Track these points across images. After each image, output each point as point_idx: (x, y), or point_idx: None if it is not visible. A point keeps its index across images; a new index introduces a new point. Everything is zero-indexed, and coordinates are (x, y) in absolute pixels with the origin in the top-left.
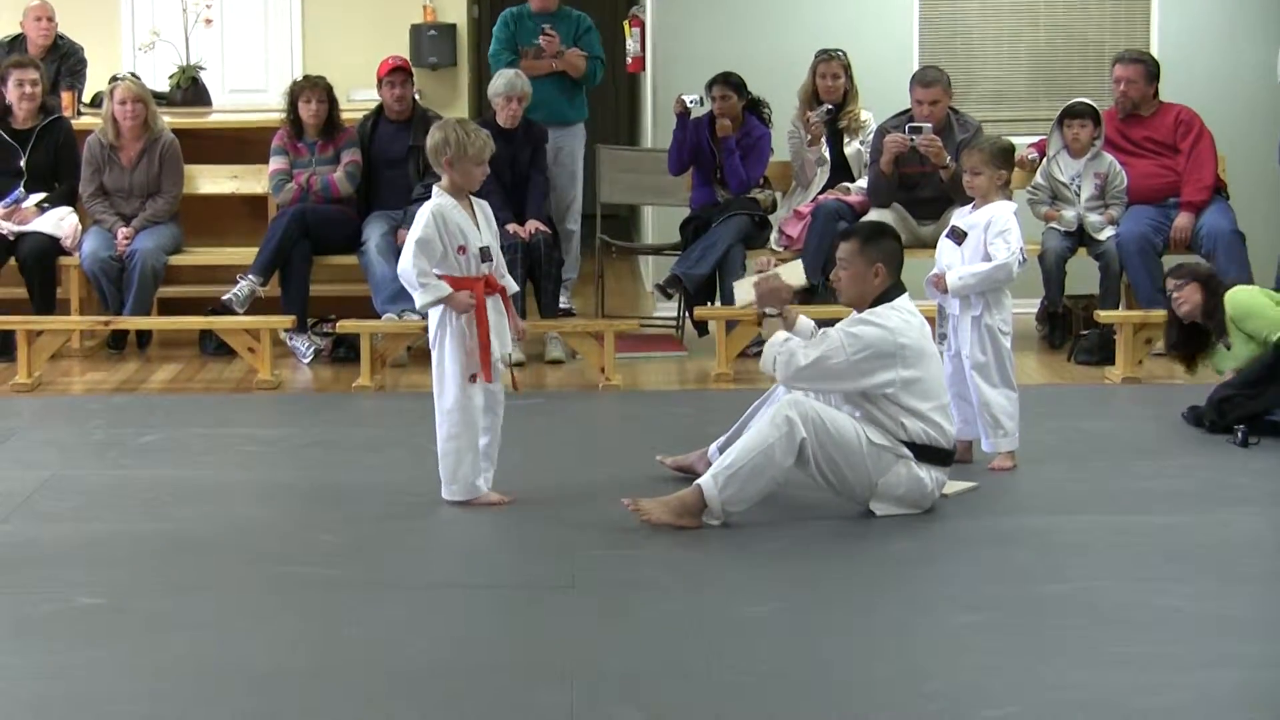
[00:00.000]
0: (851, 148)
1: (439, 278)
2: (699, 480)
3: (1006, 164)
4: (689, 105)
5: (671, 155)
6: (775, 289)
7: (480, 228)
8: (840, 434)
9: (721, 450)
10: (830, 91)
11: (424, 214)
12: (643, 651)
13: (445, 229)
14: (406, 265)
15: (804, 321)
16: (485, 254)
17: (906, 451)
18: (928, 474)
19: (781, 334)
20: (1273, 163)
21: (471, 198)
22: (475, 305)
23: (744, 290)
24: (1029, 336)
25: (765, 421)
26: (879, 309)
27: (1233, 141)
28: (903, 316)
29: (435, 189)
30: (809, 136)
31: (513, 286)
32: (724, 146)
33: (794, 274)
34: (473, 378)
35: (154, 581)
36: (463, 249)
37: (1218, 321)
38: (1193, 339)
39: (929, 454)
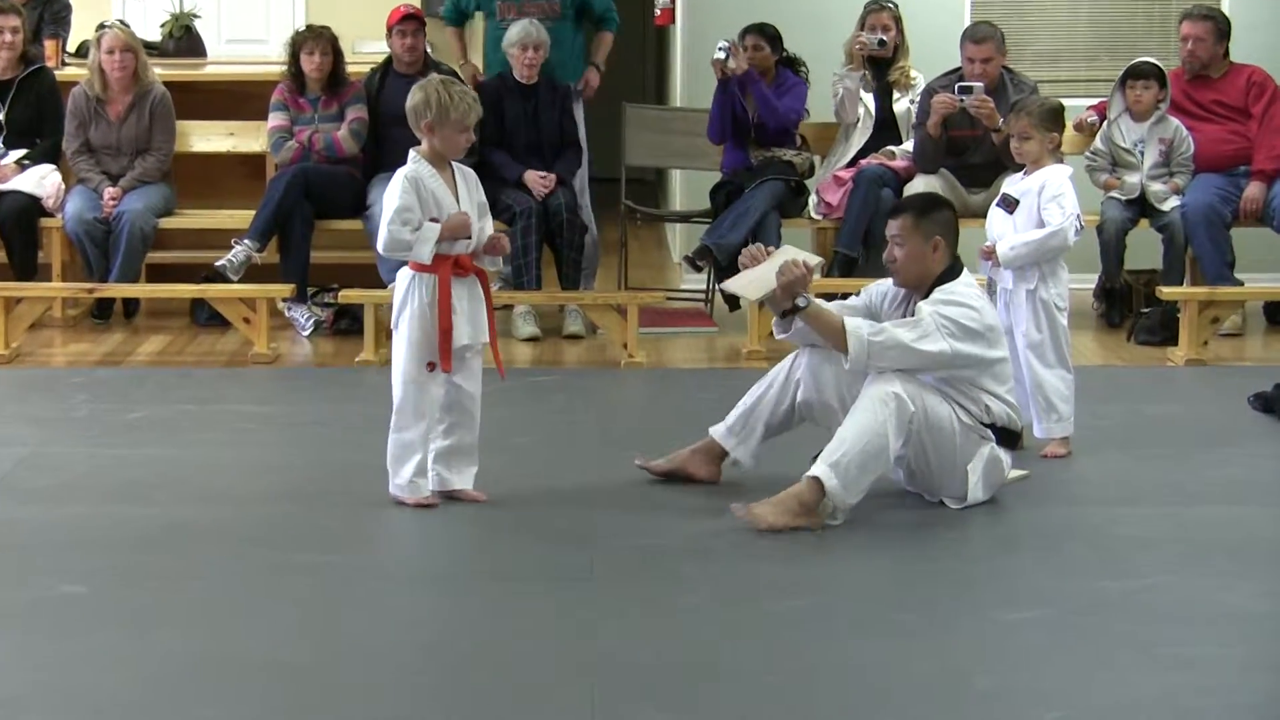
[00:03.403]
0: (901, 105)
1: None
2: (813, 472)
3: (1057, 125)
4: (717, 57)
5: (713, 122)
6: (799, 276)
7: (460, 200)
8: (937, 415)
9: (734, 433)
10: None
11: (398, 180)
12: (666, 647)
13: (419, 198)
14: (387, 237)
15: (825, 304)
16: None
17: (989, 434)
18: (1005, 457)
19: (860, 322)
20: None
21: (455, 165)
22: (466, 233)
23: (752, 287)
24: (1086, 314)
25: (870, 400)
26: (955, 287)
27: None
28: (979, 294)
29: (412, 154)
30: (853, 67)
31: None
32: (748, 79)
33: (803, 254)
34: (430, 366)
35: (140, 569)
36: (435, 221)
37: None
38: None
39: (1007, 437)
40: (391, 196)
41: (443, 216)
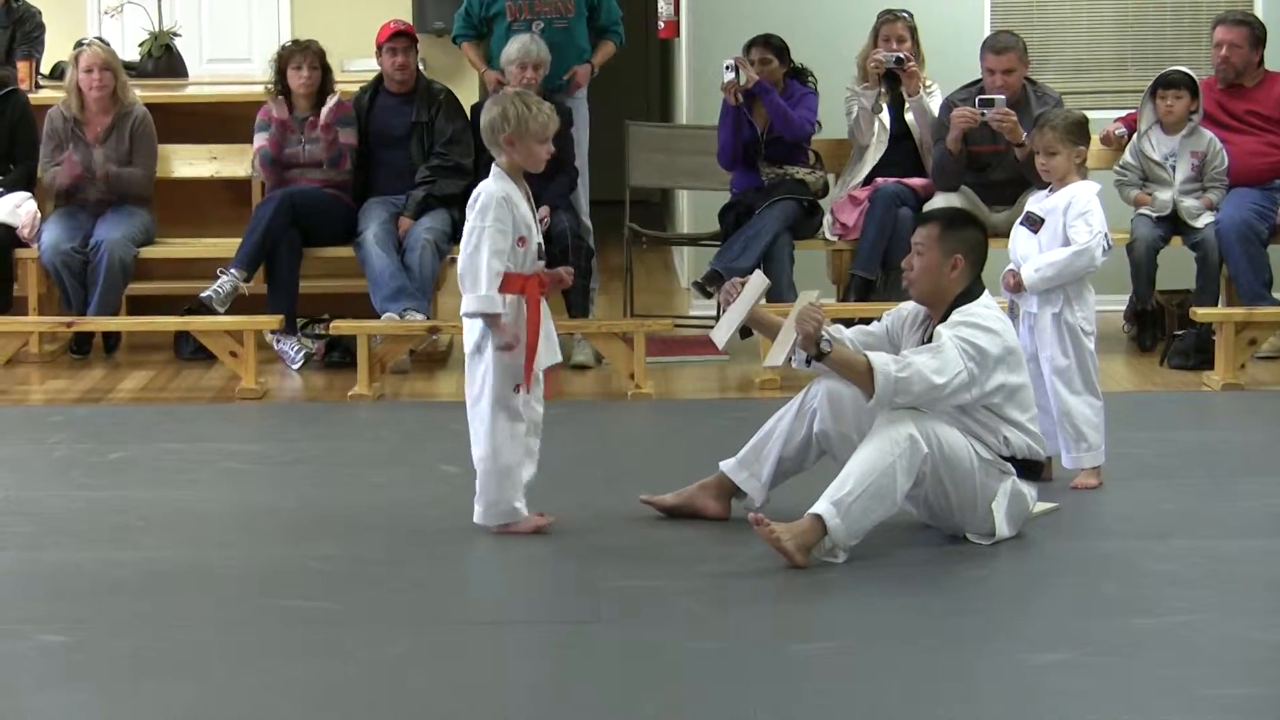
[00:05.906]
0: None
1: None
2: (816, 509)
3: (1083, 139)
4: (726, 78)
5: (723, 147)
6: (815, 319)
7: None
8: (954, 452)
9: (744, 465)
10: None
11: (491, 204)
12: (674, 695)
13: (513, 220)
14: (476, 260)
15: (843, 332)
16: (540, 249)
17: (1010, 467)
18: (1029, 490)
19: (886, 359)
20: None
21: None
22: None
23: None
24: (1116, 338)
25: (880, 438)
26: (974, 309)
27: None
28: (999, 316)
29: (495, 169)
30: (868, 85)
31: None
32: (759, 90)
33: (811, 294)
34: (516, 388)
35: (123, 617)
36: (523, 240)
37: None
38: None
39: (1029, 469)
40: (485, 218)
41: (530, 238)
